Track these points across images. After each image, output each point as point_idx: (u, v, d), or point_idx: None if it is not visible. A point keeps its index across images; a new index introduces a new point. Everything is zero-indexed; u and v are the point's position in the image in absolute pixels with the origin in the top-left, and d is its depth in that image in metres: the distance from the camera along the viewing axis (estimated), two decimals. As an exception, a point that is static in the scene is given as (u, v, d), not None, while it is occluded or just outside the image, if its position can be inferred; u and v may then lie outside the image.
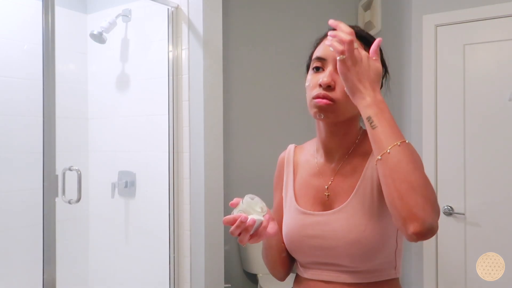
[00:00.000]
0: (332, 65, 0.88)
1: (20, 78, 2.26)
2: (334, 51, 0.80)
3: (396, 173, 0.73)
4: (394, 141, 0.75)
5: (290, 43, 2.94)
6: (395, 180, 0.73)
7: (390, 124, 0.76)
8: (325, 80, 0.86)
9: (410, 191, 0.71)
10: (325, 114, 0.87)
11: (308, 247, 0.92)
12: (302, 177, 1.00)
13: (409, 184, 0.71)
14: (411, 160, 0.73)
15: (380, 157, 0.75)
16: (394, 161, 0.74)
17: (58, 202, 1.69)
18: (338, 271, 0.90)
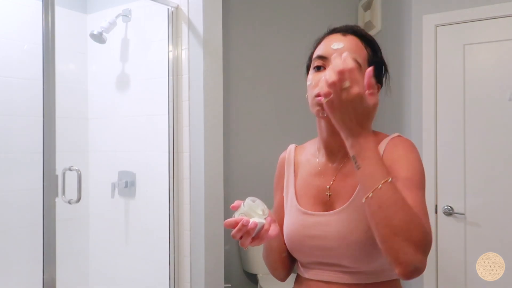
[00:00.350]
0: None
1: (20, 78, 2.26)
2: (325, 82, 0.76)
3: (378, 217, 0.73)
4: (376, 183, 0.73)
5: (290, 43, 2.94)
6: (377, 224, 0.73)
7: (373, 164, 0.74)
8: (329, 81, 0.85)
9: (392, 236, 0.71)
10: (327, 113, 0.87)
11: (309, 247, 0.92)
12: (303, 177, 0.99)
13: (390, 229, 0.71)
14: (392, 203, 0.72)
15: (364, 200, 0.75)
16: (376, 205, 0.73)
17: (58, 202, 1.69)
18: (339, 272, 0.90)
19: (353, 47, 0.89)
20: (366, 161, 0.75)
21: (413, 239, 0.71)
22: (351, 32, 0.92)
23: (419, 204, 0.79)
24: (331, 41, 0.91)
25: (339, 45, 0.89)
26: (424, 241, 0.72)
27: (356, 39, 0.91)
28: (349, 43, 0.89)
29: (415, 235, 0.71)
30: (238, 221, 0.81)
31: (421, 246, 0.71)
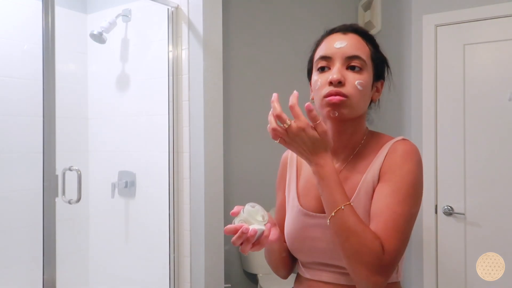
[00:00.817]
0: (339, 62, 0.88)
1: (20, 78, 2.26)
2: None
3: (335, 240, 0.80)
4: (332, 208, 0.79)
5: (290, 43, 2.94)
6: (335, 246, 0.82)
7: (330, 190, 0.80)
8: (335, 77, 0.85)
9: (346, 259, 0.79)
10: (339, 111, 0.86)
11: (309, 248, 0.92)
12: (305, 177, 0.99)
13: (344, 252, 0.78)
14: (345, 228, 0.78)
15: (328, 222, 0.81)
16: (333, 229, 0.80)
17: (58, 202, 1.69)
18: (339, 273, 0.89)
19: (356, 45, 0.89)
20: (324, 187, 0.80)
21: (364, 262, 0.76)
22: (351, 30, 0.92)
23: (392, 221, 0.80)
24: (333, 40, 0.90)
25: (341, 44, 0.89)
26: (379, 264, 0.76)
27: (357, 37, 0.91)
28: (351, 41, 0.89)
29: (366, 259, 0.76)
30: (238, 228, 0.82)
31: (375, 269, 0.76)
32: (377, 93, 0.96)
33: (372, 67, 0.91)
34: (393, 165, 0.85)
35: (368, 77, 0.89)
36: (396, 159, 0.86)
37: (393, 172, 0.84)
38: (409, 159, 0.86)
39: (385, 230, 0.79)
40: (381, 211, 0.81)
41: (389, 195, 0.82)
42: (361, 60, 0.88)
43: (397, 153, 0.87)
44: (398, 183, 0.83)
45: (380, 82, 0.96)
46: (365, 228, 0.78)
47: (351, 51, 0.88)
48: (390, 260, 0.77)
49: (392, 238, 0.78)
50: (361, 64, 0.87)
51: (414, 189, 0.84)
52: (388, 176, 0.84)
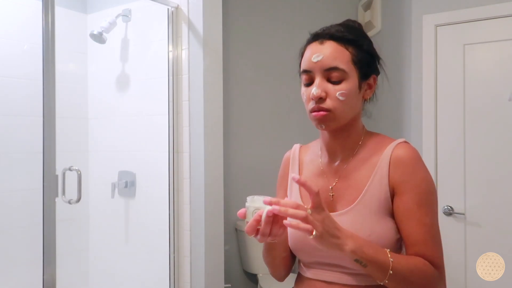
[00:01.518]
0: (319, 76, 0.88)
1: (20, 78, 2.26)
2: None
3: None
4: (384, 276, 0.80)
5: (290, 43, 2.94)
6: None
7: (374, 261, 0.79)
8: (314, 94, 0.87)
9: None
10: (326, 124, 0.89)
11: (311, 248, 0.91)
12: (307, 177, 0.99)
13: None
14: (403, 281, 0.81)
15: (387, 282, 0.81)
16: (392, 285, 0.81)
17: (58, 202, 1.69)
18: (341, 273, 0.90)
19: (332, 54, 0.88)
20: (369, 260, 0.79)
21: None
22: (328, 37, 0.90)
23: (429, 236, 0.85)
24: (312, 52, 0.90)
25: (318, 57, 0.88)
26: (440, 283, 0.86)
27: (334, 44, 0.89)
28: (328, 51, 0.88)
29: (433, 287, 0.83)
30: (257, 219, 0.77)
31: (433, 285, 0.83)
32: (369, 90, 0.95)
33: (356, 70, 0.90)
34: (406, 176, 0.87)
35: (350, 85, 0.88)
36: (408, 169, 0.88)
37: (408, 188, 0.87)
38: (418, 166, 0.89)
39: (428, 247, 0.84)
40: (415, 227, 0.85)
41: (415, 209, 0.85)
42: (339, 71, 0.87)
43: (405, 162, 0.88)
44: (418, 194, 0.86)
45: (371, 78, 0.94)
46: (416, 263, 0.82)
47: (328, 63, 0.88)
48: (442, 271, 0.86)
49: (436, 251, 0.85)
50: (340, 75, 0.87)
51: (432, 195, 0.88)
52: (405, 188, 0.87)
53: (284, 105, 2.96)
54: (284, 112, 2.96)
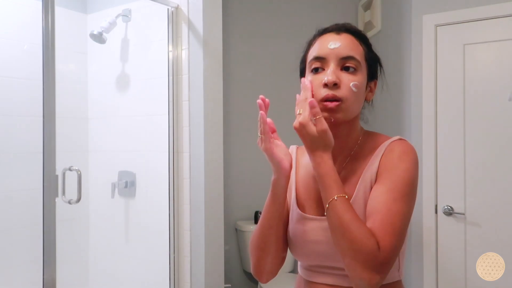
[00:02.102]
0: (333, 63, 0.87)
1: (20, 78, 2.26)
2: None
3: (333, 240, 0.81)
4: (325, 202, 0.81)
5: (290, 43, 2.93)
6: (334, 245, 0.82)
7: (325, 187, 0.81)
8: (330, 79, 0.84)
9: (342, 256, 0.79)
10: (335, 116, 0.86)
11: (311, 252, 0.91)
12: (304, 179, 0.98)
13: (339, 249, 0.79)
14: (339, 224, 0.78)
15: (325, 213, 0.82)
16: (329, 228, 0.81)
17: (58, 202, 1.69)
18: (342, 275, 0.88)
19: (350, 45, 0.88)
20: (321, 184, 0.82)
21: (359, 259, 0.75)
22: (344, 30, 0.91)
23: (388, 218, 0.79)
24: (327, 40, 0.89)
25: (335, 44, 0.88)
26: (373, 262, 0.75)
27: (351, 37, 0.90)
28: (345, 41, 0.89)
29: (361, 256, 0.75)
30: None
31: (370, 266, 0.75)
32: (371, 93, 0.95)
33: (366, 67, 0.90)
34: (389, 164, 0.85)
35: (362, 78, 0.88)
36: (393, 158, 0.86)
37: (390, 171, 0.84)
38: (406, 158, 0.85)
39: (381, 227, 0.78)
40: (377, 208, 0.81)
41: (386, 192, 0.82)
42: (355, 61, 0.87)
43: (394, 152, 0.87)
44: (394, 181, 0.83)
45: (373, 82, 0.95)
46: (361, 225, 0.77)
47: (345, 51, 0.87)
48: (386, 257, 0.76)
49: (388, 235, 0.78)
50: (355, 65, 0.87)
51: (410, 188, 0.84)
52: (385, 175, 0.84)
53: (284, 105, 2.96)
54: (284, 112, 2.95)
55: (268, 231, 0.92)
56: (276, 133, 0.90)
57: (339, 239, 0.78)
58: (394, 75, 2.53)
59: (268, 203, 0.91)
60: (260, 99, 0.85)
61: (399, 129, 2.49)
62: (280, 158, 0.86)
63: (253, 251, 0.95)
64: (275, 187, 0.88)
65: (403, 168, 0.84)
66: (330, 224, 0.80)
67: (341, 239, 0.78)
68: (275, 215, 0.91)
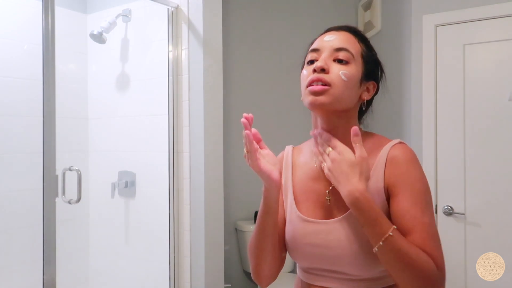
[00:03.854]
0: (326, 53, 0.88)
1: (20, 78, 2.26)
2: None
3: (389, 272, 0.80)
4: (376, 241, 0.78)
5: (290, 43, 2.94)
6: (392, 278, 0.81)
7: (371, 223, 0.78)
8: (318, 65, 0.86)
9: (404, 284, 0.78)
10: (321, 100, 0.85)
11: (311, 255, 0.90)
12: (301, 181, 0.97)
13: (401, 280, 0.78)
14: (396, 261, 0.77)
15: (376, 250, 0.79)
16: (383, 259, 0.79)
17: (58, 202, 1.69)
18: (341, 279, 0.88)
19: (345, 39, 0.90)
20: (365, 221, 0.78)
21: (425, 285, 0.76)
22: (345, 29, 0.93)
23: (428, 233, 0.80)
24: (325, 36, 0.92)
25: (331, 37, 0.90)
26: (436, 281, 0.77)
27: (349, 34, 0.92)
28: (342, 36, 0.90)
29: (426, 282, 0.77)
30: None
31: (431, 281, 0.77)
32: (367, 93, 0.93)
33: (362, 65, 0.90)
34: (400, 176, 0.84)
35: (355, 70, 0.88)
36: (402, 170, 0.85)
37: (404, 186, 0.83)
38: (413, 166, 0.85)
39: (425, 244, 0.79)
40: (411, 226, 0.80)
41: (412, 207, 0.81)
42: (348, 53, 0.87)
43: (399, 164, 0.85)
44: (415, 194, 0.83)
45: (371, 83, 0.93)
46: (417, 251, 0.77)
47: (339, 43, 0.88)
48: (442, 272, 0.79)
49: (435, 250, 0.79)
50: (348, 57, 0.87)
51: (428, 195, 0.85)
52: (402, 192, 0.83)
53: (284, 105, 2.96)
54: (284, 112, 2.96)
55: (263, 240, 0.92)
56: (262, 142, 0.88)
57: (401, 272, 0.77)
58: (394, 75, 2.53)
59: (261, 214, 0.91)
60: (243, 117, 0.82)
61: (399, 129, 2.49)
62: (268, 171, 0.85)
63: (251, 258, 0.96)
64: (267, 199, 0.89)
65: (416, 177, 0.84)
66: (386, 259, 0.78)
67: (403, 271, 0.77)
68: (270, 224, 0.91)
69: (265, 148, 0.88)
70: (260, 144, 0.88)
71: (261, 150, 0.87)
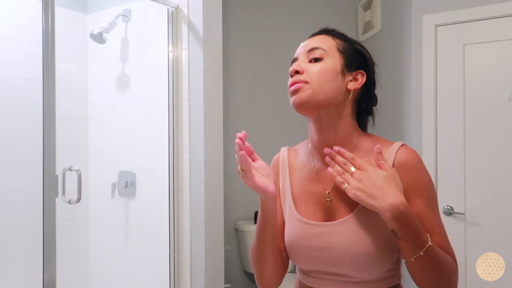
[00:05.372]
0: (301, 57, 0.91)
1: (20, 78, 2.26)
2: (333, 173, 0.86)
3: (421, 278, 0.82)
4: (417, 251, 0.79)
5: (290, 43, 2.93)
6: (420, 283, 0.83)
7: (412, 235, 0.79)
8: (292, 68, 0.89)
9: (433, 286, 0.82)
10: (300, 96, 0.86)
11: (312, 258, 0.89)
12: (300, 183, 0.96)
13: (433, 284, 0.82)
14: (434, 267, 0.80)
15: (406, 262, 0.82)
16: (418, 267, 0.80)
17: (58, 202, 1.69)
18: (343, 282, 0.87)
19: (317, 40, 0.92)
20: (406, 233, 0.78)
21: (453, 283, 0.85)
22: (319, 33, 0.96)
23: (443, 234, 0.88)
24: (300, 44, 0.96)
25: (304, 43, 0.94)
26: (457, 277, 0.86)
27: (323, 35, 0.94)
28: (315, 39, 0.93)
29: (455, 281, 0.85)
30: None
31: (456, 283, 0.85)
32: (355, 82, 0.91)
33: (340, 56, 0.90)
34: (414, 181, 0.86)
35: (330, 64, 0.89)
36: (414, 174, 0.86)
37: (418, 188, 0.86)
38: (423, 170, 0.89)
39: (445, 245, 0.86)
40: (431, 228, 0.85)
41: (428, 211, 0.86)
42: (320, 50, 0.90)
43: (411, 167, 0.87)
44: (427, 198, 0.87)
45: (358, 72, 0.91)
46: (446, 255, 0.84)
47: (311, 44, 0.91)
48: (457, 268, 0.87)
49: (451, 250, 0.87)
50: (320, 54, 0.89)
51: (436, 197, 0.90)
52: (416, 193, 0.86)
53: (284, 105, 2.96)
54: (284, 112, 2.96)
55: (264, 250, 0.93)
56: (254, 153, 0.86)
57: (435, 277, 0.81)
58: (394, 75, 2.53)
59: (259, 225, 0.92)
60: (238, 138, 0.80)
61: (399, 129, 2.49)
62: (264, 186, 0.84)
63: (254, 266, 0.98)
64: (264, 210, 0.89)
65: (429, 182, 0.89)
66: (424, 265, 0.80)
67: (437, 276, 0.81)
68: (269, 234, 0.91)
69: (257, 159, 0.87)
70: (252, 157, 0.86)
71: (254, 163, 0.85)
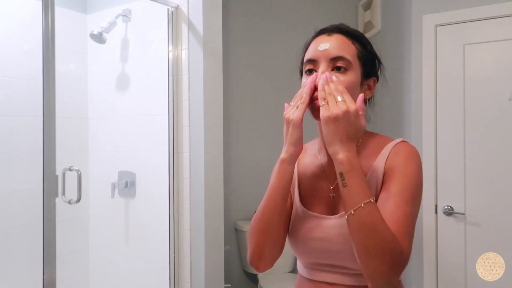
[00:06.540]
0: (324, 64, 0.89)
1: (20, 78, 2.26)
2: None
3: (356, 236, 0.78)
4: (359, 202, 0.77)
5: (290, 43, 2.93)
6: (355, 242, 0.78)
7: (358, 183, 0.78)
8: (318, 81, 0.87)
9: (366, 256, 0.77)
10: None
11: (313, 249, 0.91)
12: (307, 178, 0.99)
13: (365, 248, 0.77)
14: (371, 224, 0.76)
15: (347, 217, 0.79)
16: (356, 223, 0.78)
17: (58, 202, 1.69)
18: (343, 274, 0.89)
19: (339, 45, 0.90)
20: (353, 180, 0.79)
21: (386, 260, 0.75)
22: (337, 31, 0.93)
23: (403, 221, 0.80)
24: (318, 42, 0.92)
25: (325, 46, 0.90)
26: (398, 262, 0.76)
27: (342, 37, 0.91)
28: (335, 42, 0.90)
29: (389, 257, 0.75)
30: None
31: (394, 267, 0.76)
32: (369, 91, 0.95)
33: (360, 66, 0.91)
34: (397, 167, 0.86)
35: (354, 76, 0.89)
36: (400, 161, 0.86)
37: (398, 174, 0.85)
38: (412, 161, 0.87)
39: (398, 230, 0.79)
40: (391, 211, 0.81)
41: (397, 195, 0.83)
42: (345, 61, 0.88)
43: (400, 155, 0.87)
44: (404, 184, 0.84)
45: (371, 79, 0.95)
46: (388, 228, 0.78)
47: (335, 52, 0.89)
48: (405, 259, 0.78)
49: (405, 237, 0.79)
50: (346, 65, 0.88)
51: (418, 190, 0.85)
52: (394, 178, 0.85)
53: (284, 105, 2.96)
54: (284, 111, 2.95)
55: (272, 210, 0.90)
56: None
57: (368, 239, 0.76)
58: (394, 75, 2.53)
59: (271, 192, 0.89)
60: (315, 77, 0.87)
61: (399, 129, 2.49)
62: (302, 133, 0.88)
63: (253, 236, 0.93)
64: (282, 173, 0.88)
65: (410, 171, 0.85)
66: (358, 222, 0.77)
67: (370, 239, 0.76)
68: (281, 192, 0.89)
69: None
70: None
71: None
